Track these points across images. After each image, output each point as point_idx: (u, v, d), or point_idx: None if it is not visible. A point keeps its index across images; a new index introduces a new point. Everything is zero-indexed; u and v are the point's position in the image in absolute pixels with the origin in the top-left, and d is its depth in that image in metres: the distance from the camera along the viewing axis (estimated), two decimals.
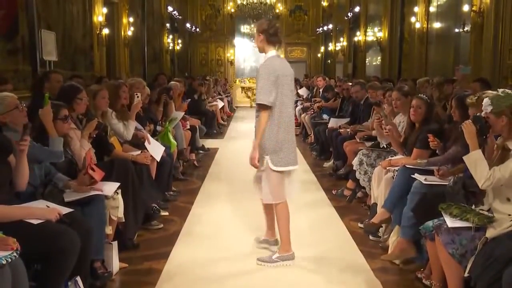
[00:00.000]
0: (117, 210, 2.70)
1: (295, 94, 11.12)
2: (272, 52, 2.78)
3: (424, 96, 3.29)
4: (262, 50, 2.81)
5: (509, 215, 2.03)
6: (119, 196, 2.74)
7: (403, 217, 2.81)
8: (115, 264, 2.66)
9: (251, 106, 15.52)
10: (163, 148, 3.96)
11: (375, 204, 3.38)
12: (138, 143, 3.77)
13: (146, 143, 3.78)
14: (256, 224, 3.45)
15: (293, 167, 2.77)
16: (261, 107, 2.66)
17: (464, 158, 2.13)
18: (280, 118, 2.70)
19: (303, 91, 10.11)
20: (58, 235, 1.96)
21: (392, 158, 3.46)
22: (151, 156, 3.66)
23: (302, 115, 7.99)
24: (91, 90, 3.33)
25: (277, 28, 2.78)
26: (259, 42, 2.80)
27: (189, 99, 6.73)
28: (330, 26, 15.06)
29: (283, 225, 2.80)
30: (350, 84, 6.06)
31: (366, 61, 11.96)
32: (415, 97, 3.27)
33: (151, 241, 3.24)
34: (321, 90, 7.97)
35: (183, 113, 5.60)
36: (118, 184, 2.75)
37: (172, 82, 5.97)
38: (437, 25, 7.80)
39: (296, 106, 9.83)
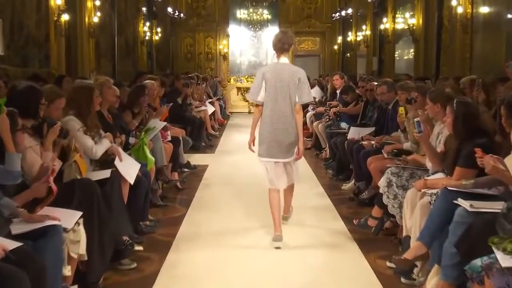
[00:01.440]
0: (78, 245, 2.71)
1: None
2: (282, 59, 4.16)
3: (465, 100, 3.32)
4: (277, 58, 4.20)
5: None
6: (81, 228, 2.75)
7: (444, 253, 2.82)
8: None
9: (249, 112, 15.69)
10: (138, 166, 3.99)
11: (408, 237, 3.38)
12: (105, 160, 3.79)
13: (116, 161, 3.80)
14: (256, 267, 3.47)
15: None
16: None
17: None
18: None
19: (315, 93, 10.20)
20: (2, 278, 1.96)
21: (429, 177, 3.47)
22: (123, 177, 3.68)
23: (315, 124, 8.04)
24: (51, 93, 3.35)
25: (276, 38, 4.14)
26: (274, 52, 4.25)
27: (171, 103, 6.77)
28: (350, 10, 15.25)
29: (272, 209, 4.12)
30: (376, 84, 6.11)
31: (395, 55, 12.08)
32: (450, 103, 3.30)
33: (122, 285, 3.22)
34: (338, 92, 8.03)
35: (164, 122, 5.65)
36: (80, 213, 2.76)
37: (147, 81, 6.03)
38: (484, 9, 7.88)
39: (306, 111, 9.94)
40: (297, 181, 4.26)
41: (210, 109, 10.24)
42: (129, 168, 3.84)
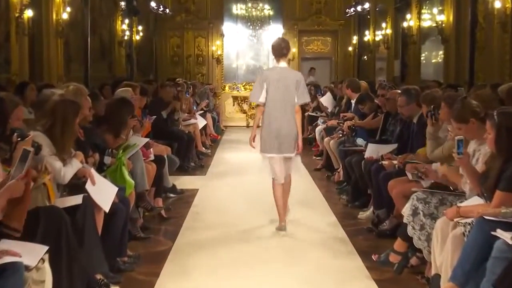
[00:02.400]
0: (43, 286, 2.71)
1: (312, 107, 11.46)
2: (281, 63, 5.47)
3: (508, 110, 3.33)
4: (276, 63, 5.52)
5: None
6: (46, 265, 2.75)
7: None
8: None
9: (247, 126, 15.77)
10: (114, 191, 4.00)
11: (438, 276, 3.38)
12: (75, 184, 3.80)
13: (88, 184, 3.81)
14: None
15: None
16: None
17: None
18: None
19: (326, 102, 10.29)
20: None
21: (462, 204, 3.48)
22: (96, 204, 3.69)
23: (326, 140, 8.09)
24: (8, 103, 3.37)
25: (278, 48, 5.44)
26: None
27: (154, 116, 6.82)
28: (367, 5, 15.39)
29: (276, 200, 5.48)
30: (399, 92, 6.15)
31: (421, 58, 12.19)
32: (489, 115, 3.33)
33: None
34: (353, 102, 8.09)
35: (146, 139, 5.68)
36: (45, 247, 2.77)
37: (123, 90, 6.07)
38: None
39: (316, 125, 9.97)
40: (298, 172, 5.85)
41: (201, 122, 10.27)
42: (103, 193, 3.85)
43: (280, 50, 5.43)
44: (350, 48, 17.30)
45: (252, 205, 6.35)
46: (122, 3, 13.47)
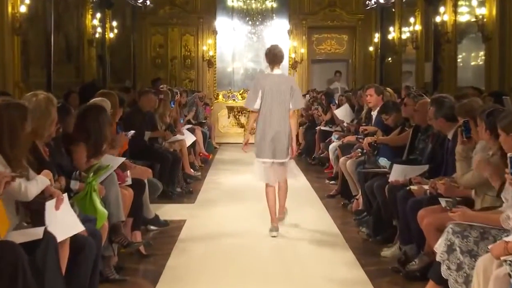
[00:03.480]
0: None
1: (324, 120, 11.66)
2: (268, 70, 6.74)
3: None
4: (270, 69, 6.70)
5: None
6: None
7: None
8: None
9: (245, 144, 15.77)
10: (77, 228, 3.96)
11: None
12: (38, 211, 3.80)
13: (48, 205, 3.80)
14: None
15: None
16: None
17: None
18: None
19: (341, 114, 10.33)
20: None
21: (510, 238, 3.50)
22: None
23: (341, 160, 8.10)
24: None
25: (273, 54, 6.60)
26: (265, 63, 6.79)
27: (132, 131, 6.85)
28: None
29: (269, 202, 6.70)
30: (430, 101, 6.18)
31: (458, 60, 12.24)
32: None
33: None
34: (374, 113, 8.13)
35: (123, 158, 5.69)
36: None
37: (97, 100, 6.11)
38: None
39: (329, 141, 10.00)
40: (294, 177, 7.06)
41: (189, 138, 10.29)
42: (66, 225, 3.84)
43: (276, 58, 6.59)
44: (371, 48, 17.43)
45: (250, 241, 6.36)
46: None
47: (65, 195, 4.01)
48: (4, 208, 3.50)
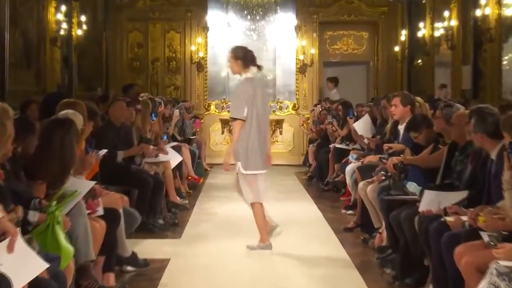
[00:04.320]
0: None
1: (340, 136, 11.77)
2: (248, 74, 7.37)
3: None
4: (238, 73, 7.48)
5: None
6: None
7: None
8: None
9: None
10: (41, 264, 3.97)
11: None
12: None
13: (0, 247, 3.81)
14: None
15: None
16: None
17: None
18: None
19: (361, 128, 10.30)
20: None
21: None
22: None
23: (361, 185, 8.10)
24: None
25: (253, 54, 7.48)
26: (236, 67, 7.43)
27: (104, 150, 6.86)
28: None
29: (260, 221, 7.39)
30: (468, 113, 6.17)
31: (504, 62, 12.22)
32: None
33: None
34: (401, 127, 8.15)
35: (93, 182, 5.70)
36: None
37: (68, 113, 6.11)
38: None
39: (346, 162, 9.99)
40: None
41: (174, 158, 10.27)
42: (24, 266, 3.84)
43: (252, 56, 7.48)
44: (397, 48, 17.52)
45: (247, 285, 6.36)
46: None
47: (18, 230, 3.99)
48: None
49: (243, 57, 7.45)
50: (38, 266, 3.95)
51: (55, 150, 5.16)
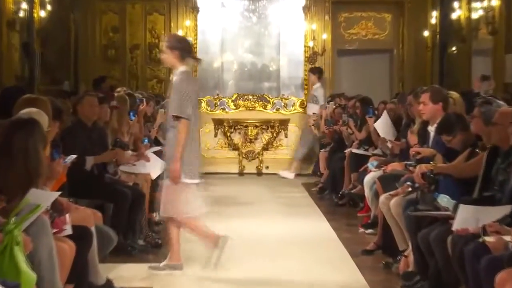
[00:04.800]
0: None
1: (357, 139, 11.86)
2: (184, 67, 7.52)
3: None
4: (172, 66, 7.69)
5: None
6: None
7: None
8: None
9: (240, 173, 15.93)
10: None
11: None
12: None
13: None
14: None
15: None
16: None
17: None
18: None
19: (383, 127, 10.27)
20: None
21: None
22: None
23: (383, 198, 8.09)
24: None
25: (190, 44, 7.94)
26: (171, 59, 7.56)
27: (73, 156, 6.86)
28: None
29: (176, 237, 7.74)
30: None
31: None
32: None
33: None
34: (432, 129, 8.15)
35: (57, 193, 5.69)
36: None
37: (32, 112, 6.12)
38: None
39: (364, 170, 9.98)
40: None
41: (157, 167, 10.26)
42: None
43: (190, 46, 7.93)
44: (426, 33, 17.51)
45: None
46: None
47: None
48: None
49: (181, 47, 7.59)
50: None
51: (17, 157, 5.16)
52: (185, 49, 7.64)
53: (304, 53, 17.03)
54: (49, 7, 14.92)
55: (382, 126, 10.33)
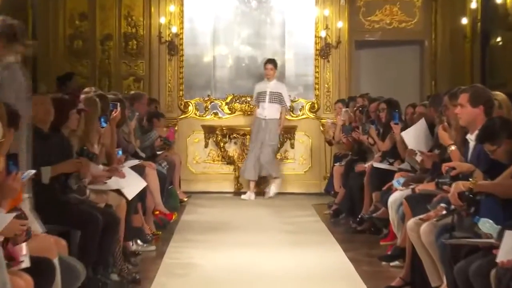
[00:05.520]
0: None
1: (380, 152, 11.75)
2: (12, 57, 6.99)
3: None
4: None
5: None
6: None
7: None
8: None
9: (236, 192, 15.93)
10: None
11: None
12: None
13: None
14: None
15: None
16: None
17: None
18: None
19: (413, 137, 10.25)
20: None
21: None
22: None
23: (411, 223, 8.11)
24: None
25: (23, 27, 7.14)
26: None
27: (32, 171, 6.88)
28: None
29: None
30: None
31: None
32: None
33: None
34: (471, 138, 8.18)
35: (11, 215, 5.72)
36: None
37: None
38: None
39: (389, 190, 9.99)
40: None
41: (135, 184, 10.30)
42: None
43: (20, 31, 7.17)
44: (465, 21, 17.57)
45: None
46: None
47: None
48: None
49: (6, 32, 7.07)
50: None
51: None
52: (11, 34, 7.08)
53: (315, 45, 17.13)
54: None
55: (413, 135, 10.24)
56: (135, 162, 11.40)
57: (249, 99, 16.98)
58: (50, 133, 8.47)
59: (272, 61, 16.45)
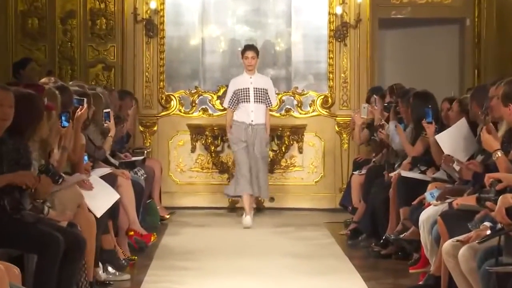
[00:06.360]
0: None
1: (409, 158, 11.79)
2: None
3: None
4: None
5: None
6: None
7: None
8: None
9: (231, 207, 15.97)
10: None
11: None
12: None
13: None
14: None
15: None
16: None
17: None
18: None
19: (451, 140, 10.25)
20: None
21: None
22: None
23: (447, 245, 8.17)
24: None
25: None
26: None
27: None
28: None
29: None
30: None
31: None
32: None
33: None
34: None
35: None
36: None
37: None
38: None
39: (421, 205, 10.02)
40: None
41: (106, 197, 10.35)
42: None
43: None
44: None
45: None
46: None
47: None
48: None
49: None
50: None
51: None
52: None
53: (329, 24, 17.17)
54: None
55: (450, 137, 10.26)
56: (106, 170, 11.43)
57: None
58: (5, 136, 8.40)
59: (252, 48, 16.00)
